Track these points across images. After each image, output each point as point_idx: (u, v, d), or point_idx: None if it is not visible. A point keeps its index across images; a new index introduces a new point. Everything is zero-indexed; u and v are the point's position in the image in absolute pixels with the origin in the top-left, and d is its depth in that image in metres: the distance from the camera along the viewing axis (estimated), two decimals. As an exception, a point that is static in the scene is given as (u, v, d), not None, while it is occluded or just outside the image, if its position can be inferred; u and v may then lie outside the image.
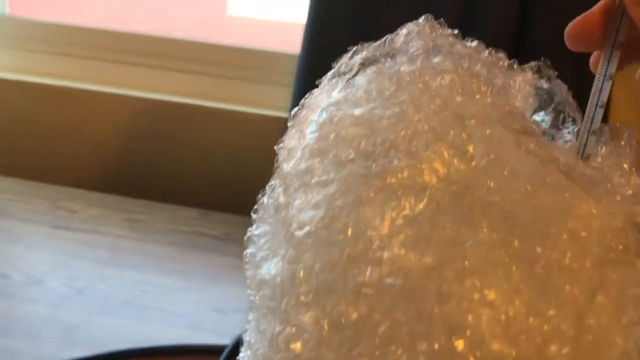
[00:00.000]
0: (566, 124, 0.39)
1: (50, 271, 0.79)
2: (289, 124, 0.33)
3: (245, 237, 0.35)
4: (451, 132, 0.27)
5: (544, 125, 0.40)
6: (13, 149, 1.11)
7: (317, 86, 1.15)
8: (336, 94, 0.30)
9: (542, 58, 0.38)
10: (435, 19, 1.09)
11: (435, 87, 0.28)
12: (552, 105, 0.39)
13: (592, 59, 0.34)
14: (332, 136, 0.28)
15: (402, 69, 0.29)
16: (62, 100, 1.10)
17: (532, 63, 0.38)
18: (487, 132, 0.27)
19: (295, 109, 0.33)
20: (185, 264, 0.85)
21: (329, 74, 0.33)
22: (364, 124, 0.28)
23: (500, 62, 0.31)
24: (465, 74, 0.29)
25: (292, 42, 0.97)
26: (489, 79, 0.30)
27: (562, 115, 0.39)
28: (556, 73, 0.37)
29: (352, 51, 0.33)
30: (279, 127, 1.17)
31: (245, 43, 1.17)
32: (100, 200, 0.99)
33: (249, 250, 0.33)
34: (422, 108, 0.28)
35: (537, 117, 0.40)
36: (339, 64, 0.33)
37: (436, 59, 0.30)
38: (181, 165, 1.10)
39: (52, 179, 1.05)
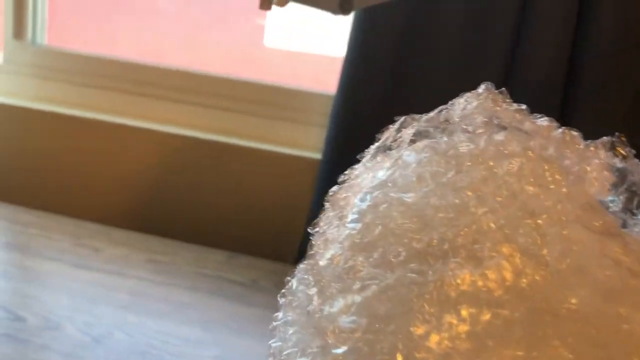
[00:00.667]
0: (642, 208, 0.34)
1: (68, 315, 0.76)
2: (326, 204, 0.29)
3: (270, 327, 0.31)
4: (520, 230, 0.23)
5: (615, 207, 0.35)
6: (41, 180, 1.09)
7: (354, 132, 1.09)
8: (382, 175, 0.26)
9: (617, 133, 0.34)
10: (479, 55, 1.02)
11: (502, 174, 0.24)
12: (625, 185, 0.35)
13: None
14: (378, 229, 0.24)
15: (461, 149, 0.25)
16: (92, 133, 1.08)
17: (605, 139, 0.33)
18: (564, 232, 0.23)
19: (334, 188, 0.29)
20: (207, 313, 0.80)
21: (372, 147, 0.29)
22: (416, 216, 0.23)
23: (575, 143, 0.27)
24: (535, 158, 0.25)
25: (327, 76, 0.94)
26: (562, 163, 0.25)
27: (636, 199, 0.34)
28: (633, 151, 0.33)
29: (399, 122, 0.29)
30: (312, 169, 1.13)
31: (281, 74, 1.14)
32: (124, 238, 0.96)
33: (274, 343, 0.28)
34: (486, 200, 0.23)
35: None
36: (384, 136, 0.29)
37: (499, 137, 0.26)
38: (210, 204, 1.06)
39: (77, 212, 1.03)
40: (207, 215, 1.06)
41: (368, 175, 0.27)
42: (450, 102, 0.29)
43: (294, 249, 0.97)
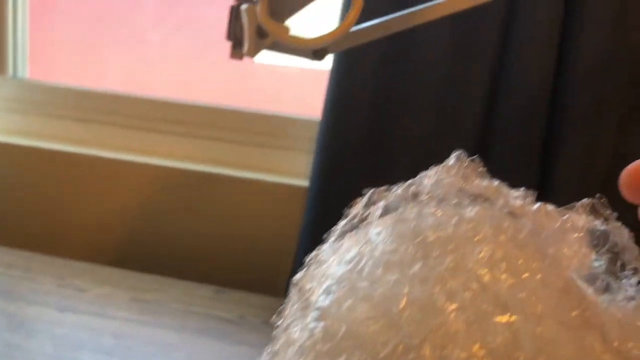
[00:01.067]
0: (626, 271, 0.33)
1: (51, 364, 0.74)
2: (292, 291, 0.27)
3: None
4: (492, 329, 0.21)
5: (598, 267, 0.34)
6: (23, 218, 1.08)
7: (340, 158, 1.07)
8: (348, 259, 0.24)
9: (598, 195, 0.32)
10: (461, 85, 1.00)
11: (472, 263, 0.22)
12: (607, 246, 0.33)
13: None
14: (341, 331, 0.22)
15: (429, 234, 0.23)
16: (75, 167, 1.06)
17: (585, 201, 0.32)
18: (538, 329, 0.21)
19: (299, 274, 0.27)
20: (194, 354, 0.79)
21: (340, 225, 0.27)
22: (381, 315, 0.22)
23: (552, 218, 0.26)
24: (508, 242, 0.23)
25: (318, 92, 0.92)
26: (537, 244, 0.24)
27: (619, 261, 0.33)
28: (615, 214, 0.31)
29: (367, 196, 0.27)
30: (301, 197, 1.11)
31: (271, 91, 1.13)
32: (109, 276, 0.94)
33: None
34: (455, 294, 0.22)
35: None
36: (352, 213, 0.27)
37: (470, 217, 0.25)
38: (197, 237, 1.05)
39: (62, 251, 1.01)
40: (194, 248, 1.05)
41: (334, 260, 0.25)
42: (419, 175, 0.28)
43: (283, 280, 0.95)
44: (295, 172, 1.07)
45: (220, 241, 1.04)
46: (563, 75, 0.86)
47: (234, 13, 0.46)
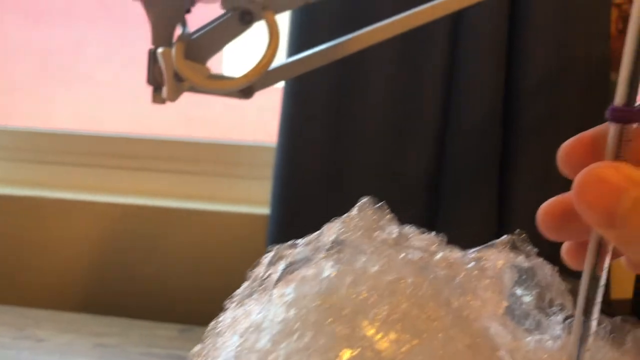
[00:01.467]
0: (553, 308, 0.31)
1: None
2: (191, 364, 0.25)
3: None
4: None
5: (528, 302, 0.32)
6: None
7: (298, 182, 1.05)
8: (242, 332, 0.23)
9: (518, 230, 0.31)
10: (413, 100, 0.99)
11: (368, 327, 0.21)
12: (535, 280, 0.32)
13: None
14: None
15: (325, 300, 0.22)
16: (28, 210, 1.03)
17: (505, 238, 0.30)
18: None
19: (195, 349, 0.25)
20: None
21: (242, 288, 0.26)
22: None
23: (459, 266, 0.24)
24: (408, 301, 0.22)
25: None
26: (440, 300, 0.23)
27: (548, 296, 0.32)
28: (535, 249, 0.30)
29: (270, 255, 0.26)
30: (263, 225, 1.09)
31: (228, 118, 1.12)
32: (70, 323, 0.92)
33: None
34: (349, 365, 0.20)
35: (518, 290, 0.33)
36: (254, 274, 0.26)
37: (372, 268, 0.23)
38: (157, 274, 1.02)
39: (19, 299, 0.98)
40: (156, 286, 1.02)
41: (230, 332, 0.24)
42: (323, 227, 0.26)
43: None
44: (256, 200, 1.05)
45: (183, 276, 1.02)
46: (513, 93, 0.86)
47: (152, 57, 0.44)
